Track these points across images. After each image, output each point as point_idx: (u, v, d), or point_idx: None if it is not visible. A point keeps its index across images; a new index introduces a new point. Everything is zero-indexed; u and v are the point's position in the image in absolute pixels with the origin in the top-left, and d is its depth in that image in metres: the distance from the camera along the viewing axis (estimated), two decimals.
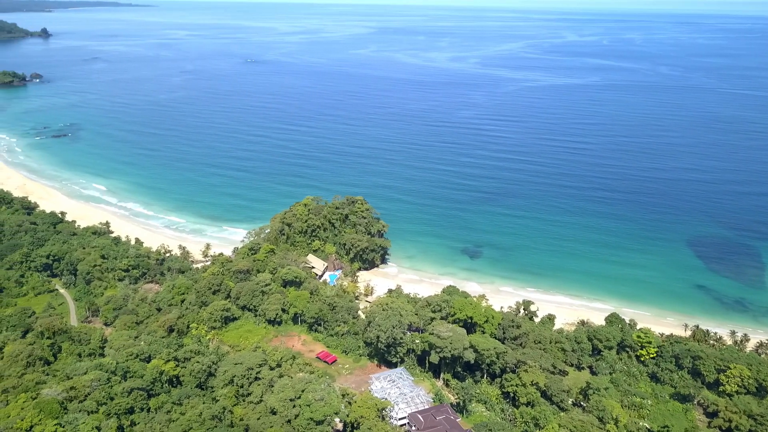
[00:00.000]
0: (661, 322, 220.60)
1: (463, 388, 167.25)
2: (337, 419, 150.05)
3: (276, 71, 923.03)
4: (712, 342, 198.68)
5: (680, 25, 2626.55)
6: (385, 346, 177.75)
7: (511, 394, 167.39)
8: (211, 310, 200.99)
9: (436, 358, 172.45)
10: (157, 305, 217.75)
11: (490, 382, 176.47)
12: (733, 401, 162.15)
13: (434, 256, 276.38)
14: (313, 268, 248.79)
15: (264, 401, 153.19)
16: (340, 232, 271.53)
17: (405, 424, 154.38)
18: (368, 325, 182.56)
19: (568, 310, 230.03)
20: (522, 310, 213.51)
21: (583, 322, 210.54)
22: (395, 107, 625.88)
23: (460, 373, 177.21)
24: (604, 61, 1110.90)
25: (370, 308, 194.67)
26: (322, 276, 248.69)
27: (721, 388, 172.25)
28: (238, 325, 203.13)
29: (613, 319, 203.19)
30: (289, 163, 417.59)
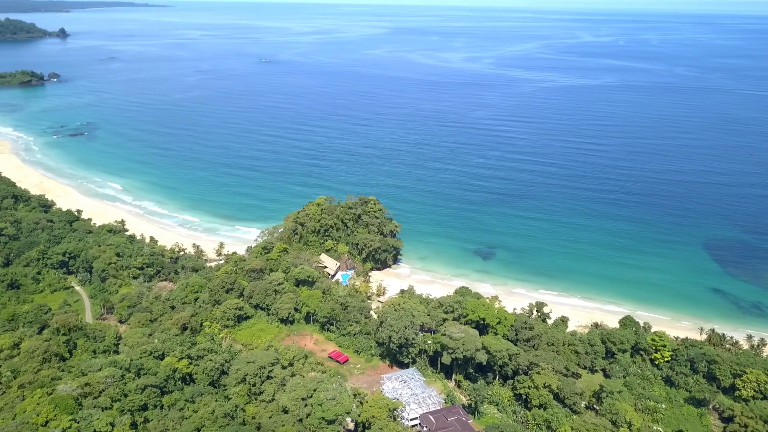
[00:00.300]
0: (675, 326, 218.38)
1: (475, 390, 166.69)
2: (349, 419, 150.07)
3: (290, 71, 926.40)
4: (728, 346, 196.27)
5: (697, 26, 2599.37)
6: (397, 347, 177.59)
7: (524, 396, 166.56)
8: (224, 309, 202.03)
9: (448, 359, 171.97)
10: (171, 303, 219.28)
11: (503, 384, 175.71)
12: (749, 406, 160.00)
13: (447, 257, 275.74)
14: (326, 267, 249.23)
15: (276, 400, 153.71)
16: (353, 232, 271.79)
17: (416, 424, 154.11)
18: (380, 325, 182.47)
19: (582, 312, 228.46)
20: (535, 312, 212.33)
21: (596, 325, 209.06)
22: (408, 107, 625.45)
23: (472, 374, 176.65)
24: (620, 61, 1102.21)
25: (383, 308, 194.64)
26: (334, 275, 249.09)
27: (737, 393, 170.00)
28: (251, 324, 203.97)
29: (627, 322, 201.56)
30: (302, 163, 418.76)
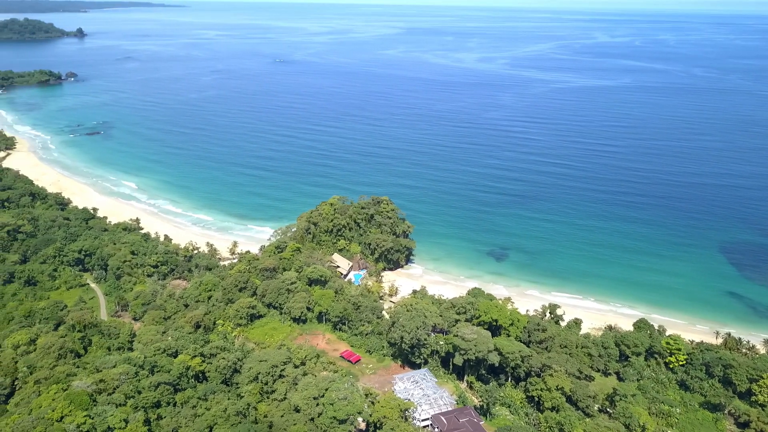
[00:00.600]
0: (691, 330, 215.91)
1: (487, 391, 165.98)
2: (360, 419, 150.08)
3: (304, 71, 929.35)
4: (744, 351, 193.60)
5: (716, 26, 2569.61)
6: (409, 347, 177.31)
7: (536, 399, 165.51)
8: (237, 307, 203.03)
9: (460, 360, 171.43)
10: (185, 301, 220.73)
11: (515, 386, 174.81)
12: (766, 412, 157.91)
13: (460, 258, 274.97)
14: (338, 267, 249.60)
15: (288, 399, 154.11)
16: (366, 231, 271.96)
17: (428, 425, 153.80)
18: (392, 326, 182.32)
19: (595, 314, 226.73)
20: (548, 314, 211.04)
21: (610, 327, 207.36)
22: (422, 108, 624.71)
23: (484, 375, 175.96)
24: (636, 62, 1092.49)
25: (395, 309, 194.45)
26: (346, 275, 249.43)
27: (753, 398, 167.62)
28: (264, 323, 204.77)
29: (642, 325, 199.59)
30: (315, 163, 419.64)
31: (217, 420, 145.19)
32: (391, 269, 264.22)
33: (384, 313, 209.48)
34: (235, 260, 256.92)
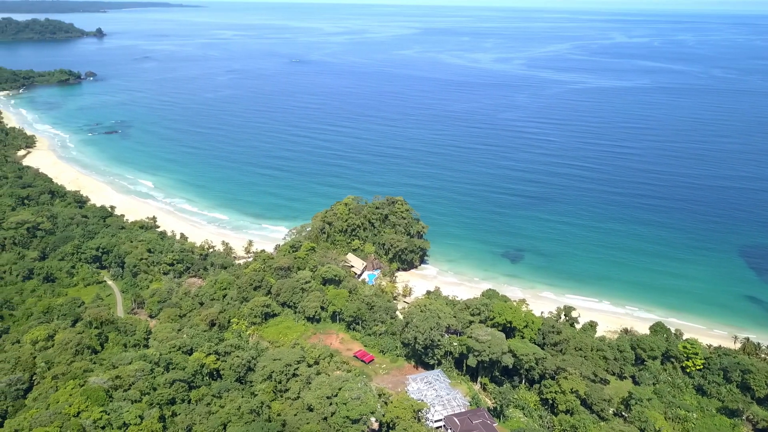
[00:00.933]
0: (708, 334, 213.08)
1: (500, 393, 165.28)
2: (373, 419, 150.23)
3: (320, 71, 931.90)
4: (763, 356, 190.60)
5: (736, 26, 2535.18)
6: (423, 348, 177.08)
7: (550, 401, 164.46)
8: (252, 306, 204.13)
9: (474, 362, 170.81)
10: (200, 299, 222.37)
11: (529, 388, 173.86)
12: None
13: (474, 259, 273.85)
14: (352, 267, 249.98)
15: (301, 398, 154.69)
16: (380, 232, 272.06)
17: (441, 426, 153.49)
18: (406, 326, 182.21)
19: (611, 317, 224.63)
20: (563, 316, 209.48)
21: (626, 331, 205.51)
22: (437, 108, 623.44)
23: (498, 377, 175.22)
24: (655, 63, 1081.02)
25: (408, 309, 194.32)
26: (360, 275, 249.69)
27: None
28: (278, 322, 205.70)
29: (658, 329, 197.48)
30: (330, 163, 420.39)
31: (231, 418, 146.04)
32: (405, 270, 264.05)
33: (398, 313, 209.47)
34: (250, 259, 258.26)
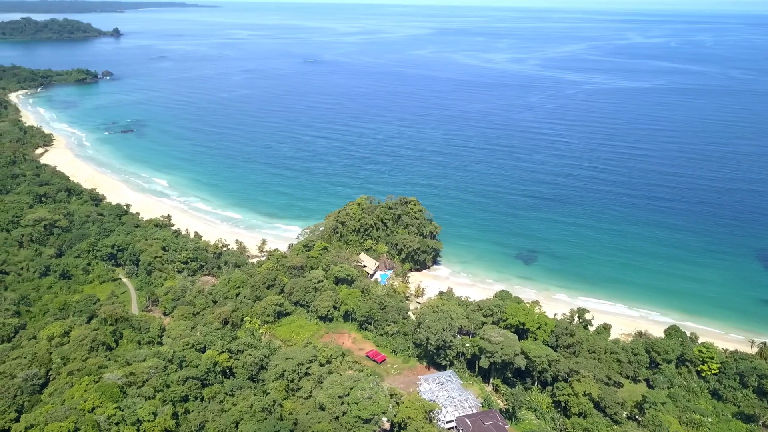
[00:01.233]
0: (724, 338, 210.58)
1: (512, 395, 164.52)
2: (385, 419, 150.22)
3: (334, 71, 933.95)
4: None
5: (755, 27, 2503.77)
6: (435, 348, 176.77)
7: (563, 404, 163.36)
8: (265, 305, 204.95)
9: (486, 363, 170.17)
10: (213, 297, 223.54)
11: (541, 390, 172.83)
12: None
13: (487, 261, 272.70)
14: (365, 266, 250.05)
15: (313, 397, 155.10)
16: (393, 232, 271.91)
17: (453, 427, 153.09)
18: (418, 327, 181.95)
19: (625, 320, 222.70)
20: (576, 318, 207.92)
21: (640, 333, 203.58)
22: (451, 108, 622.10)
23: (510, 379, 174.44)
24: (671, 63, 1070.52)
25: (421, 309, 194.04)
26: (373, 275, 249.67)
27: None
28: (291, 320, 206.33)
29: (673, 332, 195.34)
30: (343, 163, 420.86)
31: (243, 416, 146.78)
32: (417, 270, 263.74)
33: (410, 313, 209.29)
34: (264, 258, 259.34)
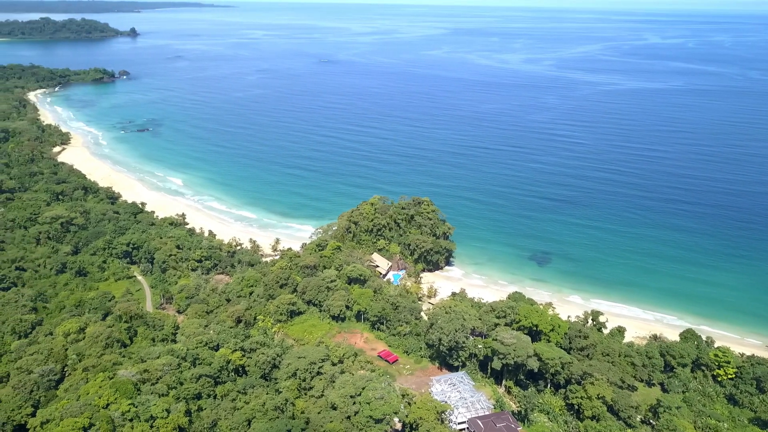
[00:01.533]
0: (741, 343, 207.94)
1: (525, 397, 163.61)
2: (396, 419, 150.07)
3: (348, 71, 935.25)
4: None
5: None
6: (447, 349, 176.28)
7: (576, 407, 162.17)
8: (278, 304, 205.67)
9: (499, 365, 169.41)
10: (227, 296, 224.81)
11: (554, 393, 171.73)
12: None
13: (500, 262, 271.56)
14: (378, 266, 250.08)
15: (325, 396, 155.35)
16: (406, 232, 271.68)
17: (464, 429, 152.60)
18: (430, 327, 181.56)
19: (640, 324, 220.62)
20: (590, 321, 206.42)
21: (655, 337, 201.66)
22: (465, 109, 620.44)
23: (522, 381, 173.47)
24: (689, 64, 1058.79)
25: (433, 310, 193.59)
26: (385, 275, 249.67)
27: None
28: (303, 320, 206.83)
29: (689, 336, 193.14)
30: (357, 164, 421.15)
31: (256, 414, 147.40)
32: (430, 271, 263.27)
33: (422, 314, 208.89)
34: (277, 257, 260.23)
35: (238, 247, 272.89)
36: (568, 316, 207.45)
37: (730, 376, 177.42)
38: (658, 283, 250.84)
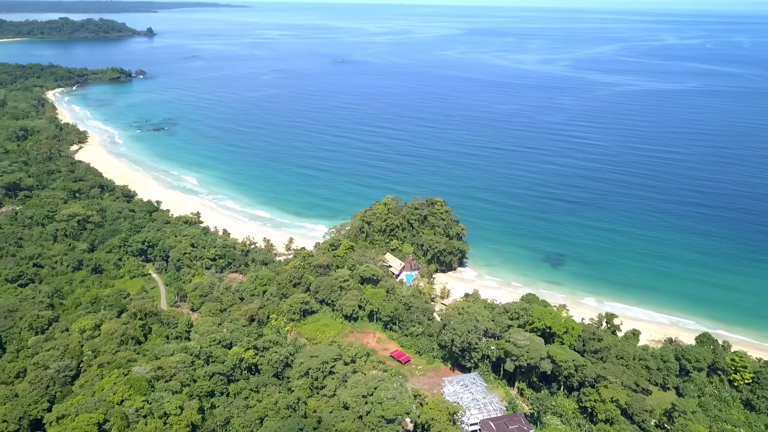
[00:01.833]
0: (758, 347, 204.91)
1: (538, 399, 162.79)
2: (408, 419, 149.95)
3: (362, 71, 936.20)
4: None
5: None
6: (460, 350, 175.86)
7: (589, 410, 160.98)
8: (291, 303, 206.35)
9: (512, 366, 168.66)
10: (240, 294, 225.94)
11: (567, 395, 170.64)
12: None
13: (514, 264, 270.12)
14: (390, 267, 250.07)
15: (337, 395, 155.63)
16: (419, 232, 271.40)
17: (476, 430, 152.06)
18: (443, 328, 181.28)
19: (655, 327, 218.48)
20: (604, 323, 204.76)
21: (670, 340, 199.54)
22: (479, 109, 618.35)
23: (535, 383, 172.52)
24: (706, 65, 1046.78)
25: (446, 311, 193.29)
26: (398, 275, 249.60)
27: None
28: (316, 319, 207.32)
29: (705, 340, 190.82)
30: (370, 164, 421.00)
31: (268, 412, 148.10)
32: (443, 271, 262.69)
33: (435, 315, 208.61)
34: (291, 256, 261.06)
35: (252, 246, 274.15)
36: (582, 319, 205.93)
37: (746, 381, 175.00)
38: (674, 286, 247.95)
